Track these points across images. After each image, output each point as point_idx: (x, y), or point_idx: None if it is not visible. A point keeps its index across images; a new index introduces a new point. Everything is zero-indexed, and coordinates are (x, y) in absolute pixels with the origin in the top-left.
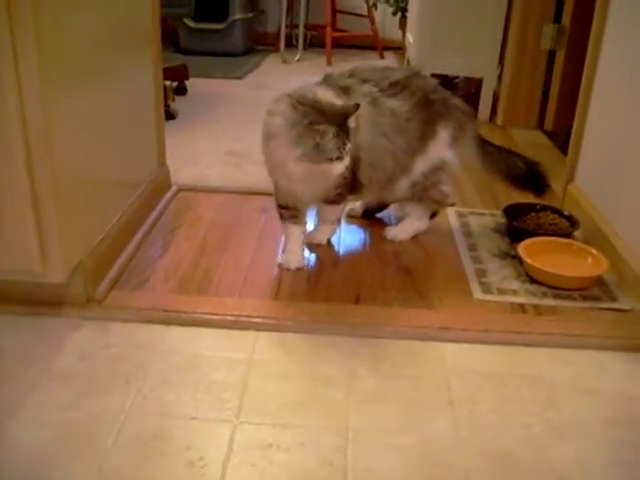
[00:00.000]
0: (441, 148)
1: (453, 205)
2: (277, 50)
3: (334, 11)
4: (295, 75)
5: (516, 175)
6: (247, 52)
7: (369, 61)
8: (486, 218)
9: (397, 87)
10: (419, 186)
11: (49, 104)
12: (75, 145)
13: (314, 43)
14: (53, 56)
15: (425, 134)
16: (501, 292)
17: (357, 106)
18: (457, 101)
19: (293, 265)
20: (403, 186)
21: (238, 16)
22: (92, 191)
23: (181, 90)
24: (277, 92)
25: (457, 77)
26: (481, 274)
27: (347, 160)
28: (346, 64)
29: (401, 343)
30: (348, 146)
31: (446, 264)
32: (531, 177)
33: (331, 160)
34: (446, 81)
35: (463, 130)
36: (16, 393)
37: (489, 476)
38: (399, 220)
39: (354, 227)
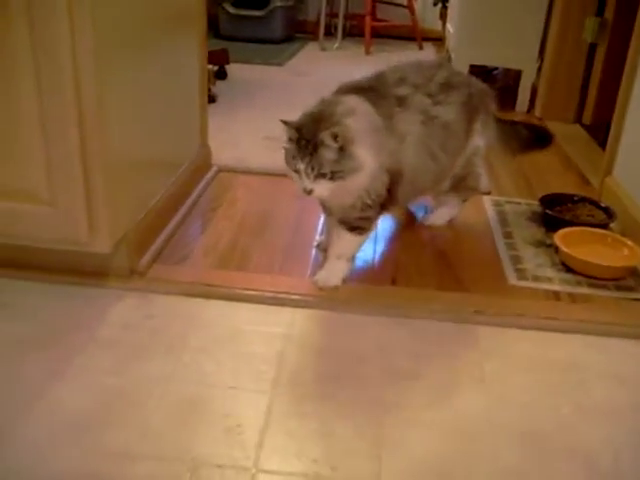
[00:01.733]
0: (476, 138)
1: (489, 194)
2: (316, 38)
3: (374, 0)
4: (333, 63)
5: (525, 142)
6: (286, 39)
7: (408, 52)
8: (522, 207)
9: (445, 89)
10: (456, 179)
11: (102, 80)
12: (125, 122)
13: (353, 32)
14: (107, 33)
15: (467, 132)
16: (536, 279)
17: (332, 134)
18: (481, 84)
19: (332, 283)
20: (440, 187)
21: (278, 3)
22: (138, 167)
23: (222, 74)
24: (315, 79)
25: (496, 68)
26: (516, 261)
27: (319, 187)
28: (384, 54)
29: (435, 324)
30: (314, 168)
31: (481, 250)
32: (536, 137)
33: (287, 165)
34: (485, 72)
35: (489, 114)
36: (62, 358)
37: (517, 453)
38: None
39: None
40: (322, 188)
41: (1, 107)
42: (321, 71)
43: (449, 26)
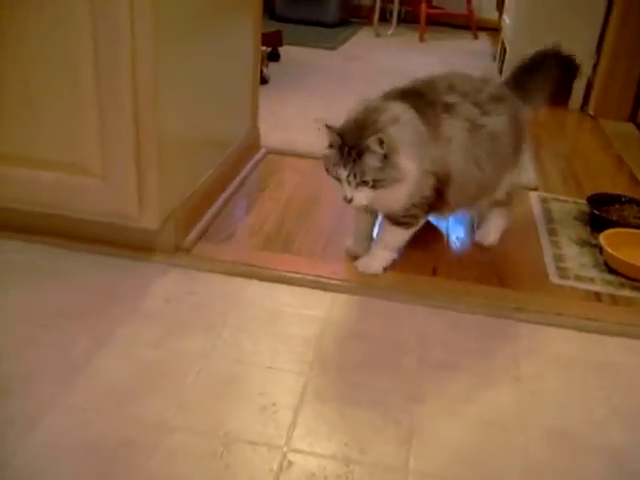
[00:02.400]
0: (523, 161)
1: (536, 189)
2: (370, 23)
3: None
4: (387, 49)
5: (551, 89)
6: (341, 23)
7: (462, 41)
8: (569, 205)
9: (494, 99)
10: (506, 195)
11: (158, 57)
12: (178, 100)
13: (408, 19)
14: (165, 10)
15: (517, 147)
16: (578, 278)
17: (378, 139)
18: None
19: (373, 269)
20: (496, 197)
21: None
22: (189, 146)
23: (274, 56)
24: (368, 64)
25: None
26: (559, 259)
27: (359, 195)
28: (439, 42)
29: (474, 317)
30: (357, 176)
31: (525, 246)
32: (562, 76)
33: (328, 172)
34: None
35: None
36: (107, 328)
37: (546, 450)
38: (480, 220)
39: None
40: (362, 196)
41: (60, 82)
42: (374, 57)
43: (505, 17)
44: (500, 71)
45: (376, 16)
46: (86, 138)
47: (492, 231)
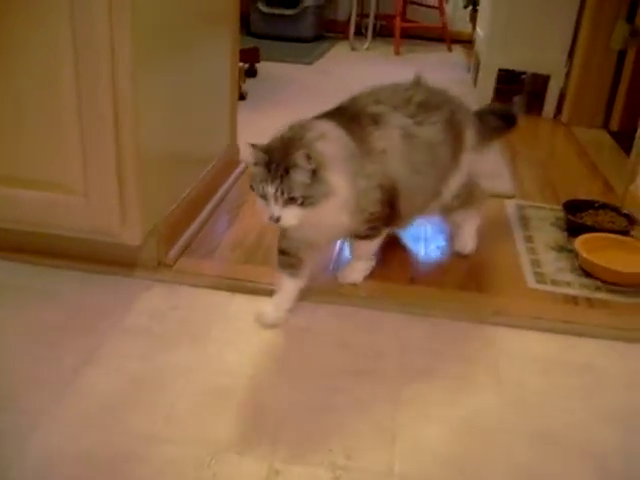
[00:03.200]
0: (468, 154)
1: (513, 197)
2: (346, 38)
3: (405, 1)
4: (363, 63)
5: (497, 130)
6: (317, 38)
7: (437, 54)
8: (545, 212)
9: (425, 108)
10: (463, 195)
11: (137, 75)
12: (157, 117)
13: (383, 33)
14: (143, 30)
15: (456, 149)
16: (555, 283)
17: (305, 155)
18: (456, 97)
19: (266, 320)
20: (443, 201)
21: (310, 3)
22: (169, 162)
23: (252, 72)
24: (344, 78)
25: (524, 73)
26: (536, 264)
27: (287, 214)
28: (413, 55)
29: (453, 324)
30: (285, 192)
31: (502, 253)
32: (503, 121)
33: (253, 190)
34: (512, 77)
35: (472, 124)
36: (93, 344)
37: (529, 452)
38: (455, 230)
39: None
40: (291, 215)
41: (41, 100)
42: (350, 70)
43: (479, 29)
44: (474, 82)
45: (351, 30)
46: (68, 156)
47: (469, 239)
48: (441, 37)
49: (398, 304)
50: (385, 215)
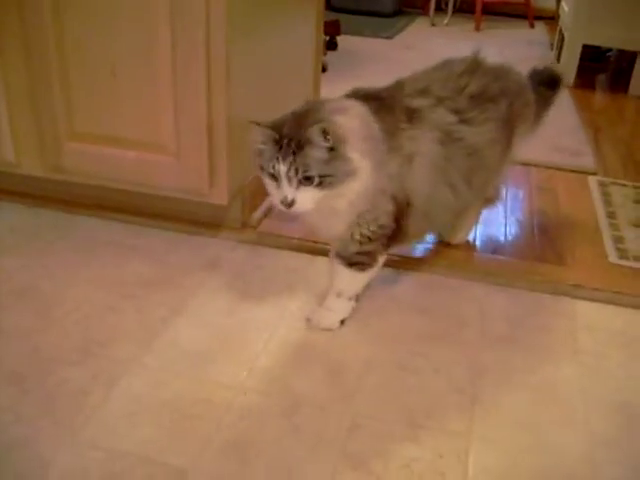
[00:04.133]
0: (516, 148)
1: (595, 174)
2: (426, 13)
3: None
4: (442, 38)
5: (544, 99)
6: (396, 13)
7: (518, 30)
8: (628, 189)
9: (479, 101)
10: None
11: (231, 42)
12: (247, 83)
13: (463, 8)
14: (236, 2)
15: (506, 148)
16: (637, 259)
17: (322, 129)
18: (517, 76)
19: (328, 324)
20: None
21: None
22: None
23: (332, 45)
24: (424, 54)
25: (610, 50)
26: (618, 240)
27: (302, 196)
28: (494, 31)
29: (533, 295)
30: (299, 171)
31: (583, 228)
32: (547, 86)
33: (262, 170)
34: (598, 54)
35: (529, 106)
36: (180, 298)
37: (608, 423)
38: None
39: None
40: (307, 198)
41: (139, 64)
42: (430, 46)
43: (564, 4)
44: (557, 59)
45: (432, 6)
46: (162, 117)
47: (464, 229)
48: (523, 13)
49: (480, 273)
50: (388, 234)
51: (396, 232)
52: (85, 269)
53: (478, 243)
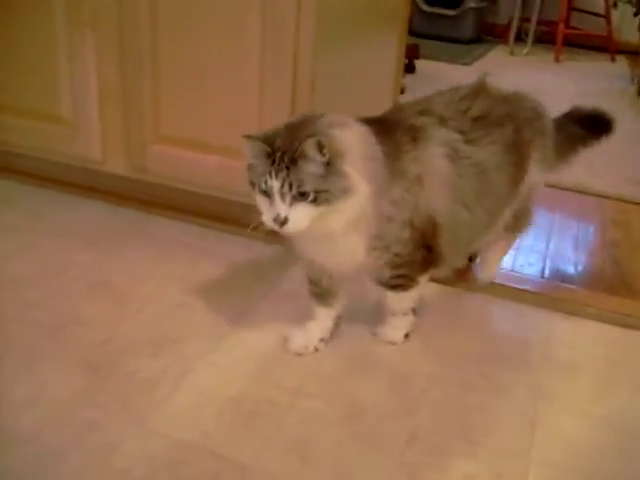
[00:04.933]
0: (533, 174)
1: None
2: (505, 42)
3: (569, 8)
4: (521, 68)
5: (581, 139)
6: (475, 41)
7: (598, 63)
8: None
9: (483, 124)
10: (511, 220)
11: (317, 58)
12: (329, 98)
13: (543, 39)
14: (326, 19)
15: (518, 174)
16: None
17: (317, 143)
18: (530, 103)
19: (291, 347)
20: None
21: (472, 4)
22: None
23: (410, 68)
24: (502, 82)
25: None
26: None
27: (296, 213)
28: (574, 63)
29: (601, 326)
30: (293, 186)
31: None
32: (591, 128)
33: (253, 186)
34: None
35: (545, 136)
36: (249, 302)
37: None
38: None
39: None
40: (301, 215)
41: (229, 72)
42: (508, 75)
43: None
44: (638, 93)
45: (512, 34)
46: (246, 125)
47: (489, 266)
48: (604, 46)
49: (547, 300)
50: (418, 260)
51: (430, 255)
52: (159, 267)
53: (547, 271)
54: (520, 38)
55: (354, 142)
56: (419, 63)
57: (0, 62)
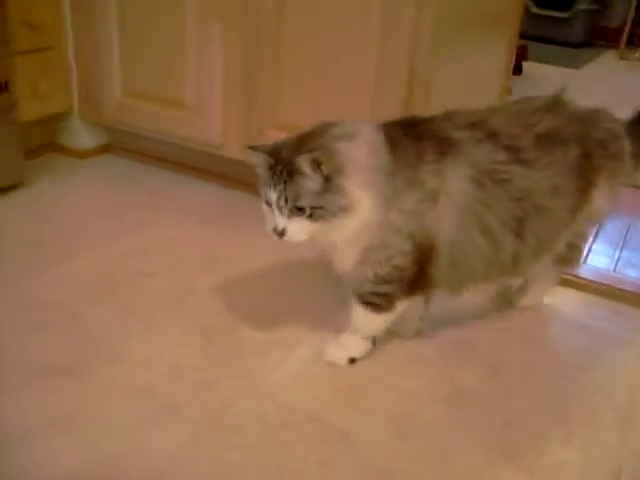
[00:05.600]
0: (597, 204)
1: None
2: (616, 46)
3: None
4: (632, 73)
5: None
6: (585, 44)
7: None
8: None
9: (547, 144)
10: (562, 252)
11: (432, 58)
12: (441, 99)
13: None
14: (442, 19)
15: (577, 202)
16: None
17: (312, 159)
18: (613, 124)
19: (326, 357)
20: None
21: (583, 7)
22: None
23: (517, 70)
24: (612, 86)
25: None
26: None
27: (293, 226)
28: None
29: None
30: (288, 200)
31: None
32: None
33: (260, 194)
34: None
35: (620, 160)
36: None
37: None
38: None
39: None
40: (298, 229)
41: (348, 66)
42: (619, 79)
43: None
44: None
45: (624, 39)
46: (361, 118)
47: (531, 292)
48: None
49: None
50: (410, 277)
51: (419, 278)
52: (269, 245)
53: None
54: (632, 42)
55: (360, 155)
56: (527, 65)
57: (132, 50)
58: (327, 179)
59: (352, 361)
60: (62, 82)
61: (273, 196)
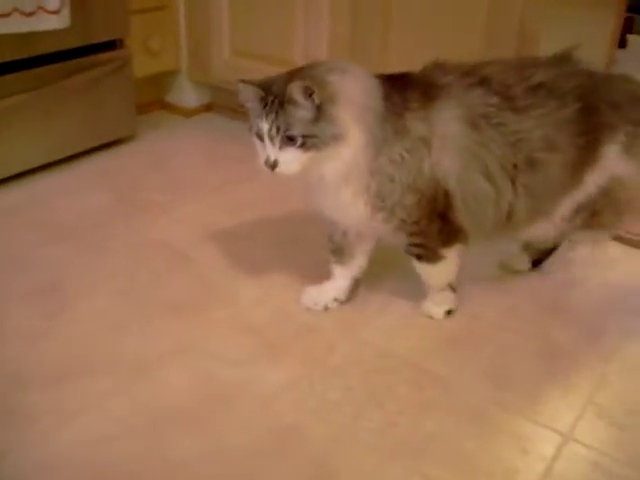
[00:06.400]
0: (611, 167)
1: None
2: None
3: None
4: None
5: None
6: None
7: None
8: None
9: (538, 93)
10: (582, 213)
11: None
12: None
13: None
14: None
15: (581, 161)
16: None
17: (303, 87)
18: (622, 85)
19: (303, 301)
20: (550, 223)
21: None
22: None
23: (621, 43)
24: None
25: None
26: None
27: (286, 157)
28: None
29: None
30: (280, 129)
31: None
32: None
33: (250, 130)
34: None
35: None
36: None
37: None
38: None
39: None
40: (290, 160)
41: (459, 31)
42: None
43: None
44: None
45: None
46: None
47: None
48: None
49: None
50: (434, 231)
51: (446, 227)
52: None
53: None
54: None
55: (353, 89)
56: (632, 38)
57: (241, 10)
58: (319, 107)
59: (449, 312)
60: (172, 41)
61: (265, 127)
